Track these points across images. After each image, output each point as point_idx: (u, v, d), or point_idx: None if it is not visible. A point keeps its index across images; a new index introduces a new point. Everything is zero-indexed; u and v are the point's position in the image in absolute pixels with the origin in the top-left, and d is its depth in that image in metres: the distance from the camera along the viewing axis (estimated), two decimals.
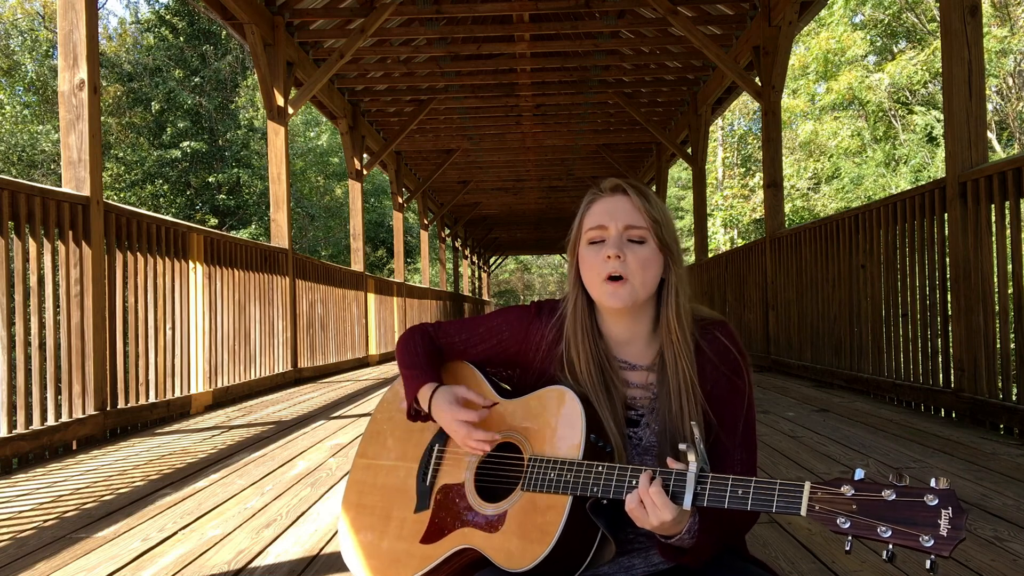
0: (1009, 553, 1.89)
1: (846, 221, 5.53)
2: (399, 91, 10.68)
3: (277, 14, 7.45)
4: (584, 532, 1.12)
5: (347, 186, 20.86)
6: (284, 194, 7.33)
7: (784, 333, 6.91)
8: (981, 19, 4.01)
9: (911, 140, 20.36)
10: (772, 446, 3.38)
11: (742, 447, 1.20)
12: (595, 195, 1.25)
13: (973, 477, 2.70)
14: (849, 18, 21.94)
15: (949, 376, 4.19)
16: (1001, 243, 3.70)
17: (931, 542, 0.88)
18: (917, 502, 0.90)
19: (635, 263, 1.18)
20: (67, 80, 4.02)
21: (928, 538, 0.88)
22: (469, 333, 1.35)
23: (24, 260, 3.50)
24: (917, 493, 0.91)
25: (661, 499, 1.02)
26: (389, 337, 11.84)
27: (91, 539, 2.18)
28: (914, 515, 0.90)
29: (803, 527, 2.16)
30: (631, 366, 1.26)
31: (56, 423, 3.63)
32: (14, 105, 24.53)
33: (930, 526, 0.88)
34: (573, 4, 7.95)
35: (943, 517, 0.88)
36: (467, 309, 22.44)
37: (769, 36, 7.20)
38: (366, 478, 1.36)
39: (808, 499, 0.95)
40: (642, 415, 1.24)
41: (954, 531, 0.87)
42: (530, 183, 17.83)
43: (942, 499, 0.89)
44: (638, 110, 11.08)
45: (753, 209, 25.65)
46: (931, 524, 0.88)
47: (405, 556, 1.24)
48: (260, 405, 5.48)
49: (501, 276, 53.59)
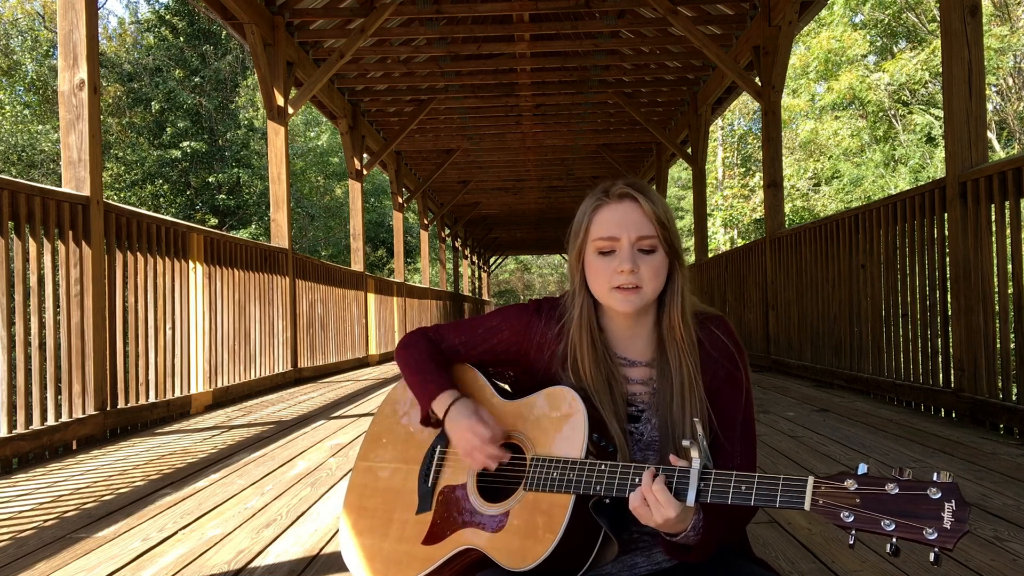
0: (1009, 553, 1.89)
1: (846, 221, 5.53)
2: (399, 91, 10.68)
3: (277, 14, 7.45)
4: (587, 531, 1.12)
5: (347, 186, 20.85)
6: (284, 194, 7.33)
7: (784, 333, 6.91)
8: (981, 19, 4.01)
9: (910, 140, 20.37)
10: (772, 446, 3.38)
11: (741, 442, 1.21)
12: (601, 200, 1.22)
13: (973, 477, 2.70)
14: (849, 18, 21.94)
15: (949, 376, 4.19)
16: (1001, 243, 3.70)
17: (935, 535, 0.88)
18: (920, 495, 0.90)
19: (648, 273, 1.18)
20: (67, 80, 4.02)
21: (932, 531, 0.88)
22: (468, 335, 1.35)
23: (24, 260, 3.50)
24: (920, 487, 0.91)
25: (665, 496, 1.02)
26: (389, 337, 11.84)
27: (91, 539, 2.18)
28: (917, 508, 0.90)
29: (803, 527, 2.16)
30: (631, 362, 1.27)
31: (56, 423, 3.63)
32: (14, 105, 24.51)
33: (934, 519, 0.88)
34: (573, 4, 7.95)
35: (946, 510, 0.88)
36: (467, 309, 22.45)
37: (769, 36, 7.20)
38: (367, 480, 1.36)
39: (812, 494, 0.95)
40: (642, 410, 1.24)
41: (958, 524, 0.87)
42: (530, 183, 17.83)
43: (945, 492, 0.89)
44: (638, 110, 11.08)
45: (753, 209, 25.65)
46: (935, 517, 0.88)
47: (407, 558, 1.23)
48: (260, 405, 5.48)
49: (501, 276, 53.58)
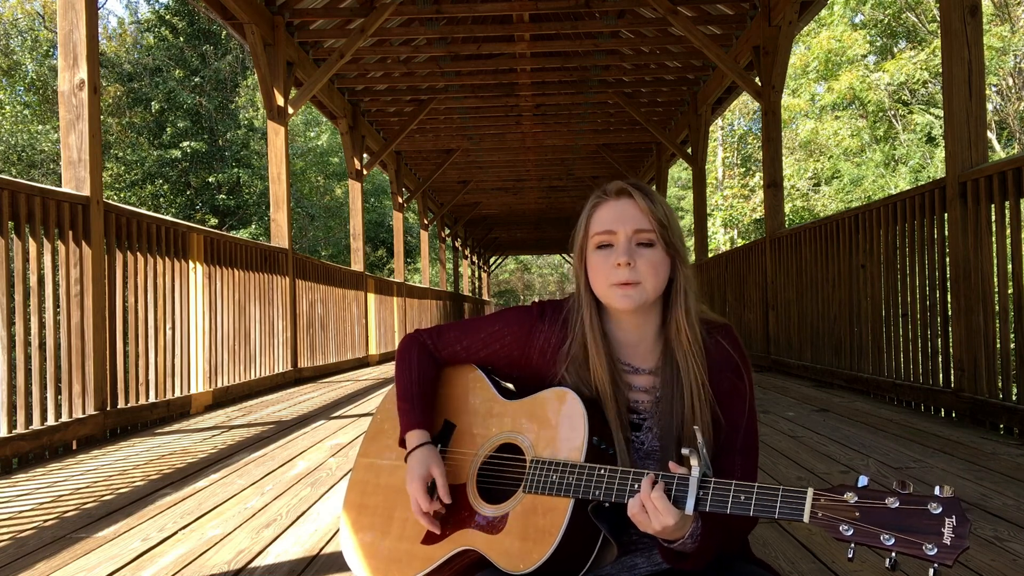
0: (1009, 553, 1.89)
1: (846, 221, 5.53)
2: (399, 91, 10.68)
3: (277, 14, 7.45)
4: (586, 535, 1.11)
5: (347, 186, 20.86)
6: (284, 194, 7.33)
7: (784, 333, 6.91)
8: (981, 19, 4.01)
9: (911, 140, 20.36)
10: (772, 446, 3.38)
11: (742, 452, 1.20)
12: (600, 199, 1.23)
13: (973, 477, 2.70)
14: (849, 18, 21.94)
15: (949, 376, 4.19)
16: (1001, 243, 3.70)
17: (934, 551, 0.87)
18: (921, 510, 0.89)
19: (646, 267, 1.18)
20: (67, 80, 4.02)
21: (932, 547, 0.87)
22: (471, 340, 1.34)
23: (24, 260, 3.50)
24: (921, 501, 0.90)
25: (663, 503, 1.01)
26: (389, 337, 11.84)
27: (91, 539, 2.18)
28: (918, 523, 0.89)
29: (803, 527, 2.16)
30: (635, 369, 1.26)
31: (56, 423, 3.63)
32: (14, 105, 24.52)
33: (934, 534, 0.87)
34: (573, 4, 7.95)
35: (947, 526, 0.87)
36: (467, 309, 22.44)
37: (769, 36, 7.20)
38: (368, 478, 1.36)
39: (811, 506, 0.94)
40: (644, 419, 1.24)
41: (958, 540, 0.86)
42: (530, 183, 17.82)
43: (946, 507, 0.88)
44: (638, 110, 11.08)
45: (753, 209, 25.64)
46: (935, 532, 0.87)
47: (406, 557, 1.23)
48: (260, 405, 5.48)
49: (501, 276, 53.59)
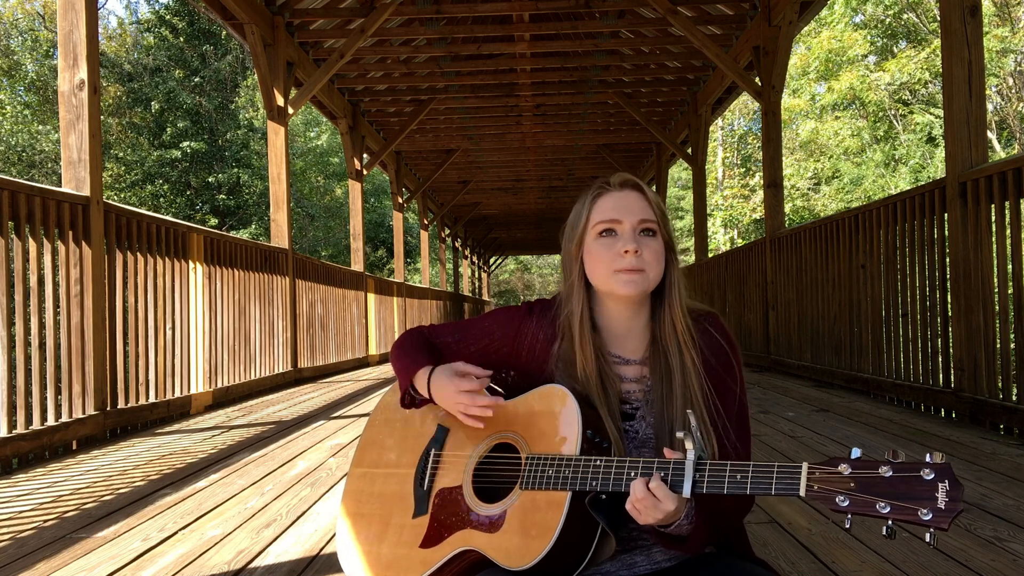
0: (1009, 553, 1.89)
1: (846, 221, 5.53)
2: (399, 91, 10.68)
3: (277, 14, 7.45)
4: (584, 528, 1.12)
5: (347, 186, 20.85)
6: (284, 194, 7.33)
7: (784, 333, 6.91)
8: (981, 19, 4.01)
9: (911, 140, 20.36)
10: (772, 446, 3.38)
11: (736, 436, 1.22)
12: (603, 189, 1.26)
13: (973, 477, 2.70)
14: (849, 18, 21.93)
15: (949, 376, 4.19)
16: (1001, 243, 3.70)
17: (930, 515, 0.88)
18: (914, 477, 0.90)
19: (650, 255, 1.21)
20: (67, 80, 4.03)
21: (927, 511, 0.88)
22: (462, 334, 1.37)
23: (24, 260, 3.50)
24: (914, 468, 0.91)
25: (663, 492, 1.03)
26: (389, 337, 11.84)
27: (91, 539, 2.18)
28: (911, 490, 0.90)
29: (803, 527, 2.16)
30: (624, 360, 1.27)
31: (56, 423, 3.63)
32: (14, 105, 24.51)
33: (928, 499, 0.89)
34: (573, 4, 7.95)
35: (940, 490, 0.89)
36: (467, 309, 22.45)
37: (769, 36, 7.20)
38: (363, 486, 1.36)
39: (806, 479, 0.96)
40: (637, 408, 1.25)
41: (952, 503, 0.87)
42: (530, 183, 17.83)
43: (938, 473, 0.90)
44: (638, 110, 11.08)
45: (753, 209, 25.65)
46: (929, 498, 0.89)
47: (405, 561, 1.23)
48: (260, 405, 5.48)
49: (501, 276, 53.58)
